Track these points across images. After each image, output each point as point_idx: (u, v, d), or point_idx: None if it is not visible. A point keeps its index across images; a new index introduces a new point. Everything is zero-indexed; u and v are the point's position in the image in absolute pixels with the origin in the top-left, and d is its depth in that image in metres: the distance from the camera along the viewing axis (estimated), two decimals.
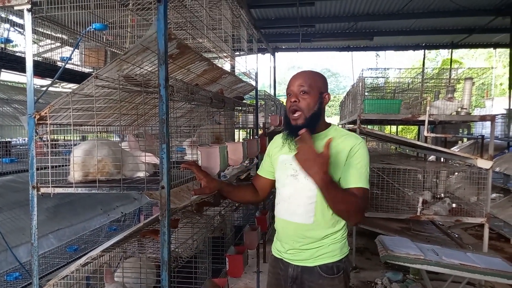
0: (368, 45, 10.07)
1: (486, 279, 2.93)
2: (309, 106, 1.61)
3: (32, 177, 1.57)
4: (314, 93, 1.62)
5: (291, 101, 1.63)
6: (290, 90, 1.65)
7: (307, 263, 1.63)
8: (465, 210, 4.45)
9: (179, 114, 2.99)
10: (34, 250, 1.58)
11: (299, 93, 1.61)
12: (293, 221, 1.63)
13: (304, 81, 1.62)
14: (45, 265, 2.75)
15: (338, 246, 1.64)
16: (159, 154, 1.51)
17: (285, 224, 1.68)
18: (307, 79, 1.62)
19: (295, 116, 1.61)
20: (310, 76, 1.64)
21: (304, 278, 1.64)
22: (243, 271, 2.70)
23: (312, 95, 1.61)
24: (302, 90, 1.61)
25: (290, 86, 1.65)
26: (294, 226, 1.64)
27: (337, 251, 1.64)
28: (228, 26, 2.78)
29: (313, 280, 1.62)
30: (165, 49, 1.46)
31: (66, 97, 1.56)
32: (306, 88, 1.60)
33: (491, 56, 19.22)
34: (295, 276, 1.66)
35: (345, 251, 1.68)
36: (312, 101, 1.61)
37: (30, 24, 1.54)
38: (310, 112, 1.61)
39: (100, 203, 3.36)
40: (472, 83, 4.62)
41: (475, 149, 7.30)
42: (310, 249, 1.62)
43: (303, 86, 1.61)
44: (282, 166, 1.70)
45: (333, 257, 1.62)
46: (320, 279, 1.61)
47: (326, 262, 1.62)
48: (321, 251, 1.62)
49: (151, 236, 1.95)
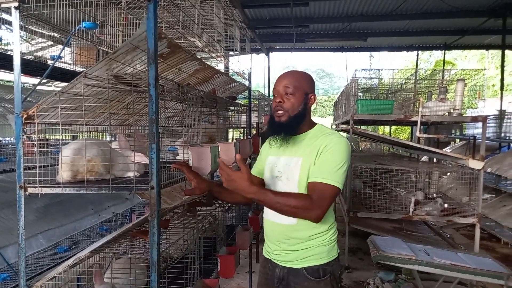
0: (362, 45, 10.09)
1: (477, 279, 2.95)
2: (293, 107, 1.61)
3: (19, 177, 1.55)
4: (299, 94, 1.61)
5: (276, 101, 1.63)
6: (276, 90, 1.65)
7: (293, 264, 1.63)
8: (457, 210, 4.48)
9: (171, 113, 2.98)
10: (21, 251, 1.56)
11: (284, 94, 1.61)
12: (278, 222, 1.63)
13: (290, 81, 1.62)
14: (34, 266, 2.72)
15: (325, 249, 1.62)
16: (148, 154, 1.50)
17: (271, 225, 1.68)
18: (293, 80, 1.62)
19: (279, 114, 1.62)
20: (295, 77, 1.64)
21: (290, 280, 1.63)
22: (235, 272, 2.70)
23: (297, 96, 1.61)
24: (287, 92, 1.61)
25: (275, 87, 1.65)
26: (279, 227, 1.63)
27: (324, 254, 1.62)
28: (220, 26, 2.76)
29: (299, 282, 1.61)
30: (155, 48, 1.45)
31: (54, 96, 1.54)
32: (291, 89, 1.60)
33: (484, 58, 19.38)
34: (281, 277, 1.66)
35: (333, 254, 1.65)
36: (296, 102, 1.61)
37: (18, 22, 1.52)
38: (294, 112, 1.61)
39: (91, 203, 3.33)
40: (465, 84, 4.65)
41: (467, 150, 7.35)
42: (296, 250, 1.61)
43: (288, 87, 1.61)
44: (269, 168, 1.71)
45: (319, 260, 1.61)
46: (305, 281, 1.60)
47: (312, 264, 1.60)
48: (308, 253, 1.60)
49: (141, 237, 1.93)
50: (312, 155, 1.57)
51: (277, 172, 1.65)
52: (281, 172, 1.63)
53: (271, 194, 1.48)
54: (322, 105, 32.23)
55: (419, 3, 7.08)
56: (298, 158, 1.60)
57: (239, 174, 1.46)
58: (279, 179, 1.63)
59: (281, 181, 1.62)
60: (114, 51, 1.56)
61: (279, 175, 1.64)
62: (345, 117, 5.50)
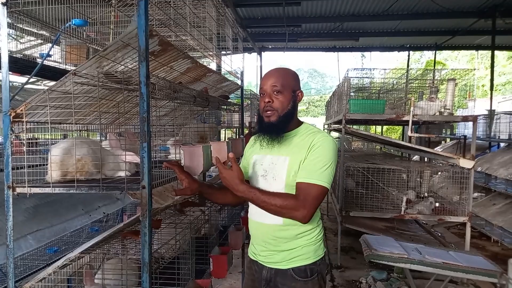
0: (354, 45, 10.14)
1: (468, 277, 2.98)
2: (283, 106, 1.58)
3: (7, 176, 1.52)
4: (287, 92, 1.59)
5: (264, 101, 1.59)
6: (263, 89, 1.60)
7: (281, 265, 1.60)
8: (448, 209, 4.51)
9: (163, 112, 2.95)
10: (10, 252, 1.53)
11: (272, 93, 1.58)
12: (264, 222, 1.60)
13: (277, 80, 1.58)
14: (24, 267, 2.67)
15: (312, 248, 1.60)
16: (140, 153, 1.48)
17: (257, 226, 1.65)
18: (280, 78, 1.59)
19: (267, 114, 1.59)
20: (282, 75, 1.61)
21: (278, 281, 1.61)
22: (228, 272, 2.68)
23: (285, 95, 1.58)
24: (275, 90, 1.57)
25: (263, 86, 1.61)
26: (265, 227, 1.60)
27: (311, 254, 1.60)
28: (212, 24, 2.75)
29: (286, 283, 1.59)
30: (145, 45, 1.43)
31: (43, 94, 1.51)
32: (279, 88, 1.57)
33: (474, 58, 19.61)
34: (268, 279, 1.63)
35: (319, 254, 1.64)
36: (285, 101, 1.58)
37: (5, 18, 1.49)
38: (284, 111, 1.58)
39: (82, 203, 3.29)
40: (455, 84, 4.69)
41: (457, 149, 7.42)
42: (283, 250, 1.59)
43: (276, 86, 1.57)
44: (253, 167, 1.68)
45: (306, 260, 1.59)
46: (293, 282, 1.58)
47: (299, 264, 1.58)
48: (294, 254, 1.58)
49: (132, 237, 1.91)
50: (299, 154, 1.55)
51: (262, 170, 1.62)
52: (266, 171, 1.60)
53: (258, 193, 1.50)
54: (314, 105, 32.35)
55: (410, 4, 7.13)
56: (284, 157, 1.58)
57: (230, 172, 1.51)
58: (264, 178, 1.60)
59: (266, 180, 1.59)
60: (104, 48, 1.54)
61: (264, 174, 1.61)
62: (338, 116, 5.51)
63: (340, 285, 4.08)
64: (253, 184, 1.65)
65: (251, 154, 1.74)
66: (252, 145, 1.77)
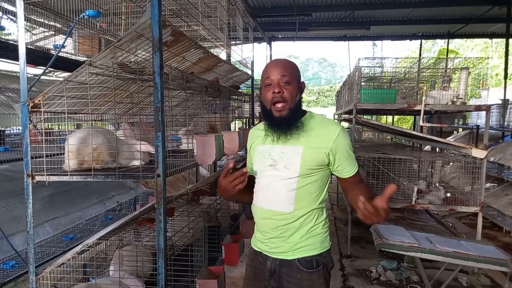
0: (364, 34, 10.02)
1: (479, 266, 2.97)
2: (292, 97, 1.55)
3: (26, 165, 1.56)
4: (294, 82, 1.56)
5: (274, 92, 1.53)
6: (270, 79, 1.55)
7: (286, 255, 1.59)
8: (460, 199, 4.48)
9: (175, 103, 2.98)
10: (30, 238, 1.58)
11: (281, 83, 1.54)
12: (272, 209, 1.58)
13: (285, 70, 1.54)
14: (41, 254, 2.75)
15: (318, 239, 1.60)
16: (154, 142, 1.51)
17: (264, 213, 1.62)
18: (287, 68, 1.56)
19: (279, 107, 1.54)
20: (289, 65, 1.58)
21: (282, 272, 1.60)
22: (239, 260, 2.72)
23: (293, 85, 1.56)
24: (285, 80, 1.54)
25: (269, 75, 1.55)
26: (273, 214, 1.58)
27: (317, 245, 1.60)
28: (223, 14, 2.75)
29: (291, 274, 1.58)
30: (159, 36, 1.45)
31: (60, 84, 1.55)
32: (288, 78, 1.54)
33: (488, 47, 19.22)
34: (273, 270, 1.61)
35: (325, 246, 1.63)
36: (294, 91, 1.56)
37: (23, 10, 1.52)
38: (294, 102, 1.56)
39: (96, 192, 3.36)
40: (468, 73, 4.62)
41: (470, 139, 7.33)
42: (289, 240, 1.58)
43: (285, 76, 1.53)
44: (260, 157, 1.64)
45: (312, 251, 1.58)
46: (298, 273, 1.57)
47: (305, 255, 1.58)
48: (301, 244, 1.58)
49: (147, 225, 1.95)
50: (316, 145, 1.55)
51: (270, 160, 1.59)
52: (276, 161, 1.58)
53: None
54: (324, 95, 32.11)
55: None
56: (297, 147, 1.57)
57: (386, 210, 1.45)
58: (273, 167, 1.58)
59: (276, 169, 1.58)
60: (118, 39, 1.56)
61: (272, 163, 1.59)
62: (348, 106, 5.48)
63: (350, 274, 4.11)
64: (261, 172, 1.63)
65: (256, 146, 1.70)
66: (256, 137, 1.72)
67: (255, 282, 1.68)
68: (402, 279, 3.91)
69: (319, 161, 1.56)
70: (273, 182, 1.58)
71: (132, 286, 1.76)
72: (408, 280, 3.90)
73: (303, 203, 1.57)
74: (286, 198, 1.56)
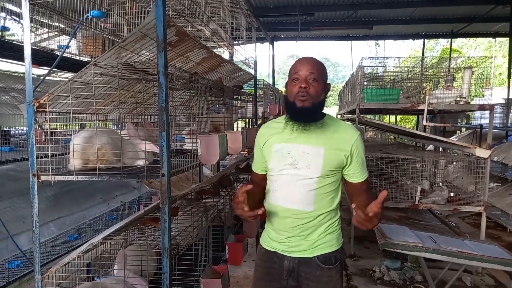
0: (367, 34, 9.99)
1: (484, 266, 2.97)
2: (317, 94, 1.56)
3: (32, 165, 1.57)
4: (321, 81, 1.58)
5: (301, 86, 1.54)
6: (299, 75, 1.56)
7: (305, 254, 1.60)
8: (463, 199, 4.47)
9: (178, 103, 2.99)
10: (36, 237, 1.59)
11: (308, 80, 1.55)
12: (293, 208, 1.59)
13: (314, 67, 1.56)
14: (46, 254, 2.76)
15: (335, 235, 1.64)
16: (158, 142, 1.52)
17: (283, 212, 1.62)
18: (316, 66, 1.57)
19: (302, 98, 1.54)
20: (318, 64, 1.60)
21: (301, 270, 1.61)
22: (243, 259, 2.73)
23: (320, 83, 1.57)
24: (312, 77, 1.55)
25: (298, 71, 1.57)
26: (293, 213, 1.59)
27: (334, 241, 1.63)
28: (226, 14, 2.75)
29: (310, 271, 1.60)
30: (164, 36, 1.46)
31: (65, 84, 1.55)
32: (316, 75, 1.55)
33: (491, 46, 19.13)
34: (291, 269, 1.62)
35: (340, 242, 1.67)
36: (320, 89, 1.57)
37: (28, 10, 1.53)
38: (318, 100, 1.57)
39: (100, 192, 3.37)
40: (472, 72, 4.60)
41: (473, 139, 7.31)
42: (308, 239, 1.60)
43: (313, 73, 1.55)
44: (277, 155, 1.63)
45: (331, 247, 1.61)
46: (318, 270, 1.59)
47: (324, 252, 1.60)
48: (320, 241, 1.60)
49: (151, 224, 1.96)
50: (337, 147, 1.58)
51: (290, 159, 1.59)
52: (296, 160, 1.58)
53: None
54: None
55: None
56: (319, 147, 1.58)
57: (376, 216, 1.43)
58: (293, 167, 1.58)
59: (297, 168, 1.58)
60: (123, 39, 1.57)
61: (292, 162, 1.58)
62: (351, 106, 5.48)
63: (353, 274, 4.10)
64: (279, 171, 1.62)
65: (270, 143, 1.67)
66: (270, 134, 1.69)
67: (267, 283, 1.67)
68: (405, 279, 3.90)
69: (339, 163, 1.58)
70: (293, 181, 1.59)
71: (137, 285, 1.77)
72: (411, 280, 3.89)
73: (322, 203, 1.59)
74: (306, 197, 1.58)
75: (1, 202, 2.57)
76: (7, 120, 2.83)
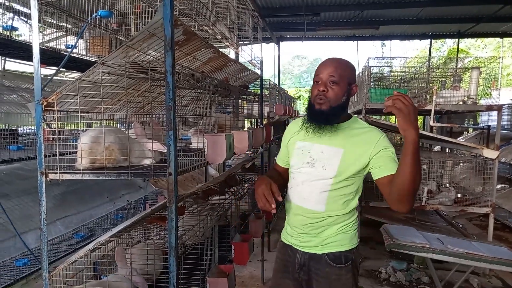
0: (373, 34, 9.94)
1: (492, 267, 2.94)
2: (337, 97, 1.54)
3: (40, 163, 1.58)
4: (343, 84, 1.54)
5: (319, 89, 1.55)
6: (319, 77, 1.57)
7: (315, 250, 1.63)
8: (470, 200, 4.43)
9: (184, 102, 2.99)
10: (43, 236, 1.60)
11: (328, 82, 1.54)
12: (304, 206, 1.62)
13: (335, 70, 1.55)
14: (53, 252, 2.78)
15: (348, 236, 1.63)
16: (165, 141, 1.52)
17: (296, 209, 1.66)
18: (338, 69, 1.55)
19: (320, 101, 1.54)
20: (341, 65, 1.57)
21: (311, 265, 1.63)
22: (249, 259, 2.72)
23: (341, 86, 1.54)
24: (331, 80, 1.54)
25: (319, 74, 1.57)
26: (305, 212, 1.62)
27: (347, 241, 1.62)
28: (233, 14, 2.75)
29: (320, 268, 1.61)
30: (171, 35, 1.46)
31: (73, 83, 1.56)
32: (336, 78, 1.53)
33: (499, 47, 18.96)
34: (302, 263, 1.65)
35: (354, 242, 1.66)
36: (340, 92, 1.54)
37: (37, 10, 1.53)
38: (337, 103, 1.55)
39: (107, 191, 3.38)
40: (480, 72, 4.57)
41: (480, 140, 7.25)
42: (320, 236, 1.61)
43: (333, 76, 1.54)
44: (298, 153, 1.66)
45: (341, 246, 1.61)
46: (327, 267, 1.60)
47: (334, 250, 1.61)
48: (330, 239, 1.61)
49: (158, 223, 1.96)
50: (357, 149, 1.55)
51: (308, 158, 1.61)
52: (314, 159, 1.59)
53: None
54: None
55: None
56: (338, 148, 1.57)
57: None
58: (310, 165, 1.59)
59: (314, 167, 1.58)
60: (130, 38, 1.57)
61: (311, 161, 1.60)
62: (357, 106, 5.45)
63: (359, 275, 4.08)
64: (298, 168, 1.64)
65: (295, 140, 1.71)
66: (296, 131, 1.72)
67: (284, 274, 1.72)
68: (412, 280, 3.87)
69: (358, 167, 1.56)
70: (308, 181, 1.60)
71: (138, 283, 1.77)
72: (418, 281, 3.87)
73: (335, 206, 1.59)
74: (319, 198, 1.58)
75: (9, 200, 2.59)
76: (15, 119, 2.86)
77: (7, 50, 2.70)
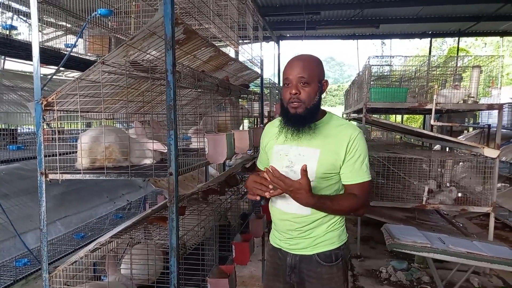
0: (374, 33, 9.92)
1: (493, 267, 2.93)
2: (310, 97, 1.51)
3: (40, 163, 1.56)
4: (314, 83, 1.51)
5: (291, 93, 1.51)
6: (289, 79, 1.52)
7: (306, 251, 1.61)
8: (471, 199, 4.43)
9: (184, 101, 2.98)
10: (43, 236, 1.59)
11: (298, 84, 1.50)
12: (290, 212, 1.59)
13: (303, 70, 1.50)
14: (53, 252, 2.77)
15: (336, 233, 1.62)
16: (166, 141, 1.50)
17: (282, 215, 1.63)
18: (306, 68, 1.51)
19: (295, 105, 1.52)
20: (308, 64, 1.53)
21: (302, 267, 1.62)
22: (249, 259, 2.71)
23: (312, 86, 1.51)
24: (302, 81, 1.50)
25: (288, 75, 1.53)
26: (290, 217, 1.60)
27: (335, 239, 1.62)
28: (234, 13, 2.74)
29: (311, 268, 1.60)
30: (172, 33, 1.44)
31: (73, 83, 1.55)
32: (306, 78, 1.50)
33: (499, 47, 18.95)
34: (293, 265, 1.64)
35: (343, 239, 1.66)
36: (313, 92, 1.51)
37: (36, 9, 1.52)
38: (311, 103, 1.52)
39: (106, 191, 3.37)
40: (480, 71, 4.55)
41: (481, 139, 7.24)
42: (308, 238, 1.60)
43: (303, 77, 1.50)
44: (277, 157, 1.63)
45: (331, 245, 1.61)
46: (318, 267, 1.60)
47: (324, 250, 1.60)
48: (320, 239, 1.59)
49: (158, 223, 1.95)
50: (333, 148, 1.53)
51: (287, 161, 1.58)
52: (293, 162, 1.57)
53: (329, 202, 1.53)
54: (332, 94, 32.04)
55: None
56: (315, 149, 1.55)
57: (298, 185, 1.44)
58: (290, 169, 1.56)
59: (292, 171, 1.55)
60: (131, 37, 1.55)
61: (289, 165, 1.57)
62: (357, 105, 5.44)
63: (360, 274, 4.08)
64: None
65: (273, 143, 1.69)
66: (274, 134, 1.69)
67: (275, 278, 1.71)
68: (412, 280, 3.87)
69: (336, 166, 1.55)
70: None
71: None
72: (419, 280, 3.87)
73: None
74: None
75: (9, 200, 2.57)
76: (14, 119, 2.84)
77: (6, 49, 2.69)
